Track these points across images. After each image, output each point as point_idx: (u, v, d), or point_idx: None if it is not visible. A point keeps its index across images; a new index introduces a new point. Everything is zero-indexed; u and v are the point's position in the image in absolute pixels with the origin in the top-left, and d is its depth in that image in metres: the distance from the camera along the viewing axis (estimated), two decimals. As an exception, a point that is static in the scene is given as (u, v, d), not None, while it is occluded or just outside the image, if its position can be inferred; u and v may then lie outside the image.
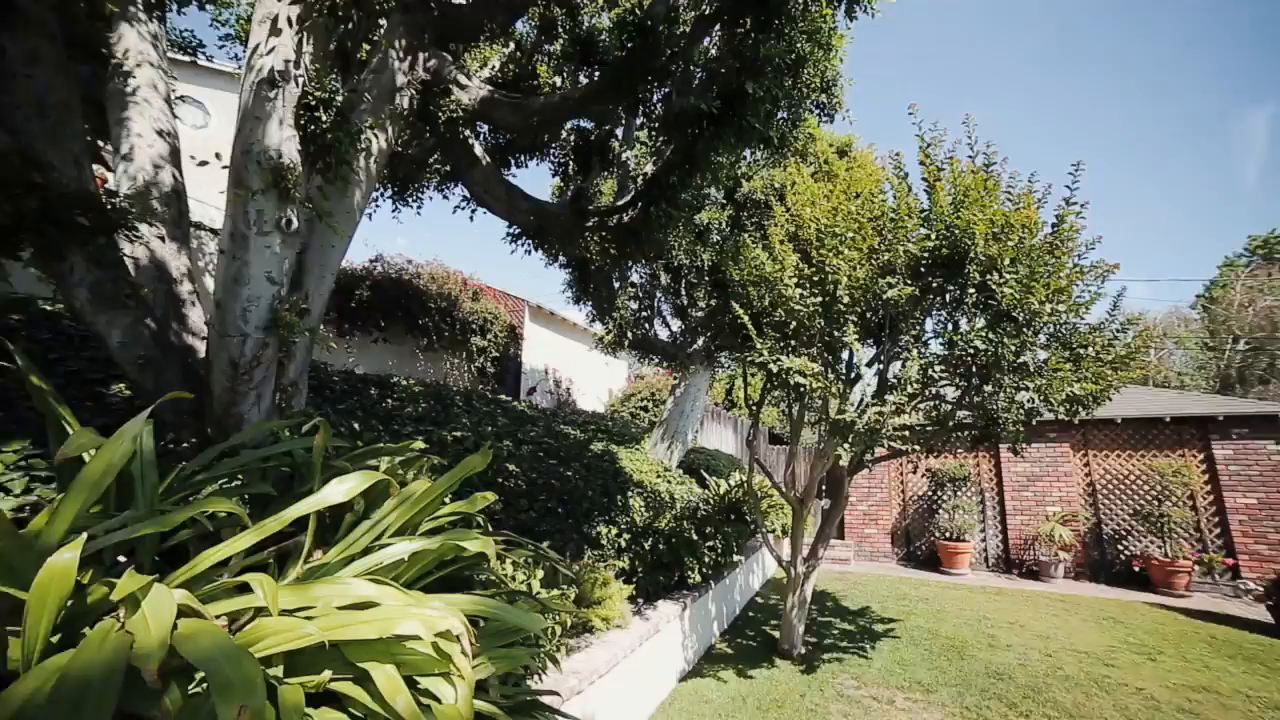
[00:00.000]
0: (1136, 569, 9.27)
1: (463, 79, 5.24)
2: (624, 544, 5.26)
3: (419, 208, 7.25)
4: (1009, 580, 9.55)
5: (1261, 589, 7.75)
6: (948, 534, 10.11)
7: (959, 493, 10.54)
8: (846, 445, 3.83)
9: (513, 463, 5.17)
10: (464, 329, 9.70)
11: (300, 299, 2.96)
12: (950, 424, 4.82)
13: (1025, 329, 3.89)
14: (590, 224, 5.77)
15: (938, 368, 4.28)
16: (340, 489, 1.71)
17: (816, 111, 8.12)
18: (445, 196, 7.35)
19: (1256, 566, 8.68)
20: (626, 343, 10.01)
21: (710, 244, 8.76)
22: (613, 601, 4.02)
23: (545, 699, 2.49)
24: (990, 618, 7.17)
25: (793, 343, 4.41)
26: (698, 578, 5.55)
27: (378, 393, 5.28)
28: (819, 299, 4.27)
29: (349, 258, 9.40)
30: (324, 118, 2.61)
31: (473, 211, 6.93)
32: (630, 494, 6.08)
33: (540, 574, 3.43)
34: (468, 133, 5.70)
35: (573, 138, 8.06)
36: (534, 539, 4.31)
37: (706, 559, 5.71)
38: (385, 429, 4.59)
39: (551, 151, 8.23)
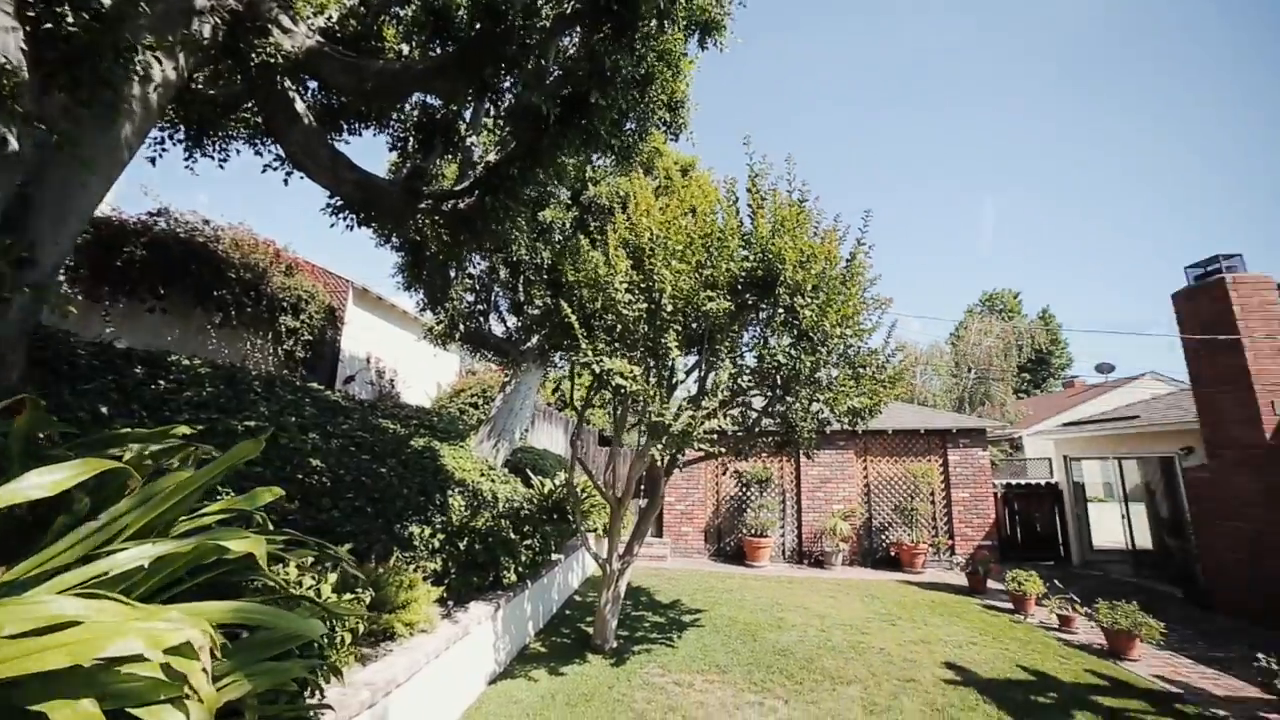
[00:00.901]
0: (893, 554, 11.16)
1: (287, 21, 4.62)
2: (438, 544, 5.02)
3: (223, 160, 6.22)
4: (800, 570, 10.88)
5: (964, 561, 9.84)
6: (753, 530, 11.23)
7: (764, 493, 11.78)
8: (660, 445, 4.09)
9: (318, 457, 4.64)
10: (272, 306, 8.48)
11: (20, 245, 2.36)
12: (757, 430, 5.39)
13: (820, 348, 4.52)
14: (424, 206, 5.43)
15: (747, 378, 4.76)
16: (44, 480, 1.37)
17: (664, 129, 8.56)
18: (258, 153, 6.39)
19: (965, 545, 11.00)
20: (458, 335, 9.56)
21: (552, 243, 8.76)
22: (419, 605, 3.80)
23: (324, 716, 2.28)
24: (781, 603, 8.11)
25: (618, 346, 4.60)
26: (514, 577, 5.48)
27: (145, 372, 4.39)
28: (646, 305, 4.51)
29: (118, 206, 7.70)
30: (70, 16, 2.11)
31: (288, 174, 6.13)
32: (451, 493, 5.81)
33: (333, 578, 3.12)
34: (289, 84, 5.02)
35: (416, 113, 7.52)
36: (337, 540, 3.92)
37: (524, 558, 5.66)
38: (152, 416, 3.83)
39: (392, 124, 7.58)
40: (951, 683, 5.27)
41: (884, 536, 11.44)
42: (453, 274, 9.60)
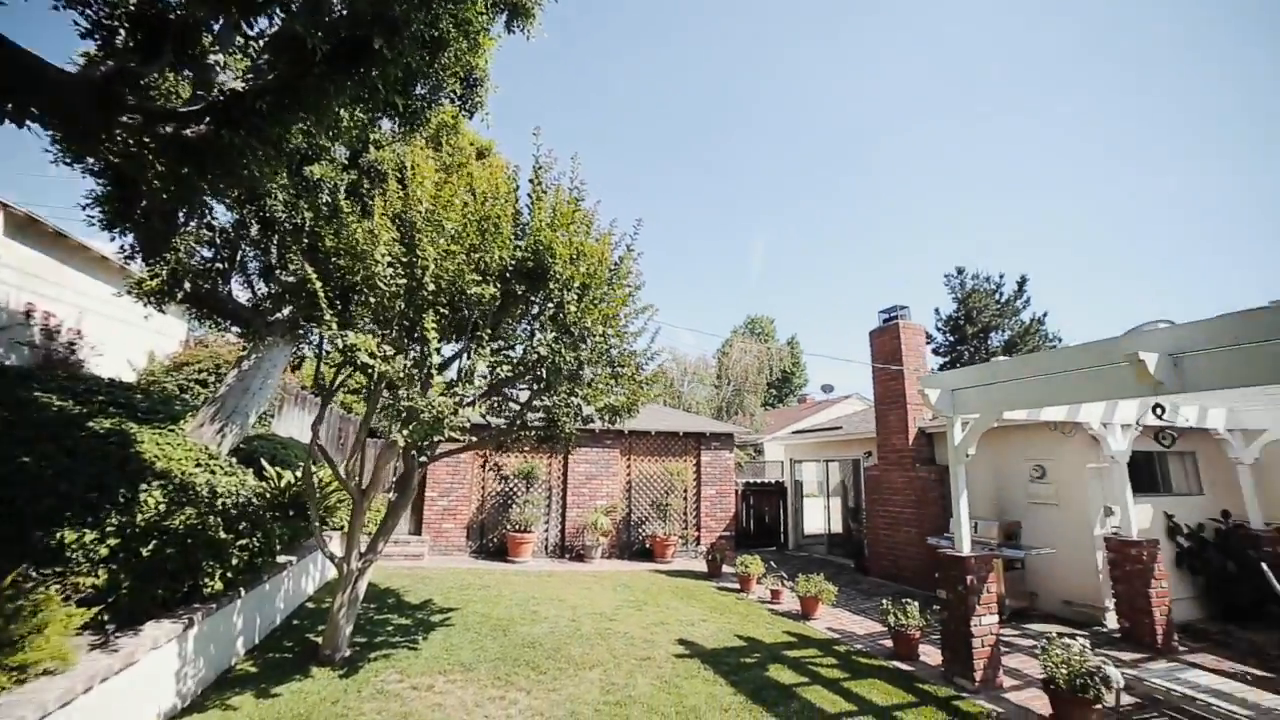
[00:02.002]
0: (648, 546, 12.11)
1: None
2: (107, 552, 3.98)
3: None
4: (561, 564, 11.15)
5: (706, 549, 11.17)
6: (517, 526, 11.19)
7: (532, 489, 11.84)
8: (405, 432, 3.81)
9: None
10: None
11: None
12: (519, 424, 5.38)
13: (582, 344, 4.69)
14: (129, 121, 4.26)
15: (505, 368, 4.73)
16: None
17: (458, 103, 8.12)
18: None
19: (709, 536, 12.48)
20: (181, 295, 7.76)
21: (318, 204, 7.66)
22: (48, 638, 2.93)
23: None
24: (537, 596, 8.20)
25: (376, 325, 4.20)
26: (220, 585, 4.59)
27: None
28: (406, 282, 4.19)
29: None
30: None
31: None
32: (147, 486, 4.65)
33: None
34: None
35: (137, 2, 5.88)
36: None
37: (237, 562, 4.79)
38: None
39: (95, 3, 5.80)
40: (681, 656, 5.88)
41: (641, 530, 12.36)
42: (182, 219, 7.78)
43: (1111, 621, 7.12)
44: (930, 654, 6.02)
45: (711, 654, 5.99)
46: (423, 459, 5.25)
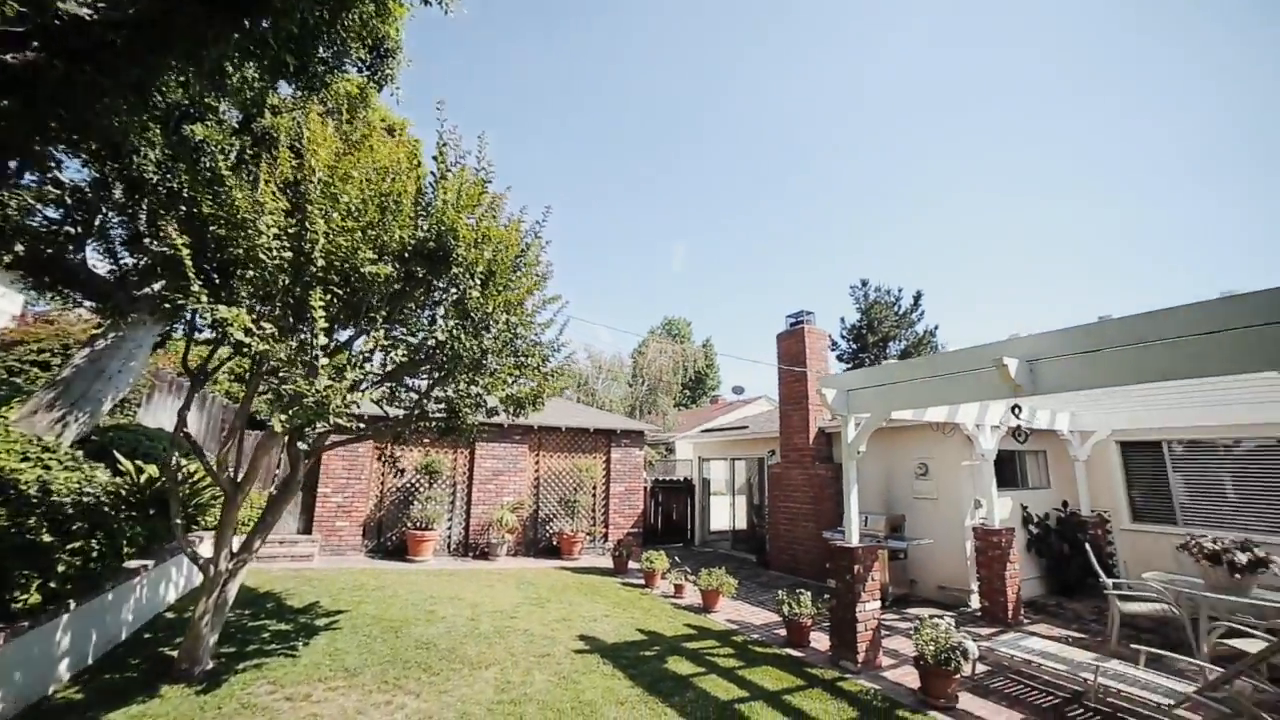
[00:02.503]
0: (555, 543, 11.96)
1: None
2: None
3: None
4: (465, 562, 10.75)
5: (612, 546, 11.18)
6: (418, 524, 10.66)
7: (435, 484, 11.34)
8: (284, 417, 3.47)
9: None
10: None
11: None
12: (418, 413, 5.10)
13: (484, 331, 4.51)
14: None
15: (401, 351, 4.46)
16: None
17: (368, 75, 7.62)
18: None
19: (617, 533, 12.53)
20: (9, 259, 6.66)
21: (200, 168, 6.88)
22: None
23: None
24: (436, 595, 7.84)
25: (250, 300, 3.81)
26: (37, 598, 3.94)
27: None
28: (291, 255, 3.83)
29: None
30: None
31: None
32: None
33: None
34: None
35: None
36: None
37: (65, 569, 4.16)
38: None
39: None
40: (580, 652, 5.82)
41: (549, 527, 12.19)
42: (14, 166, 6.70)
43: (975, 602, 7.88)
44: (820, 640, 6.36)
45: (612, 648, 5.99)
46: (307, 450, 4.83)
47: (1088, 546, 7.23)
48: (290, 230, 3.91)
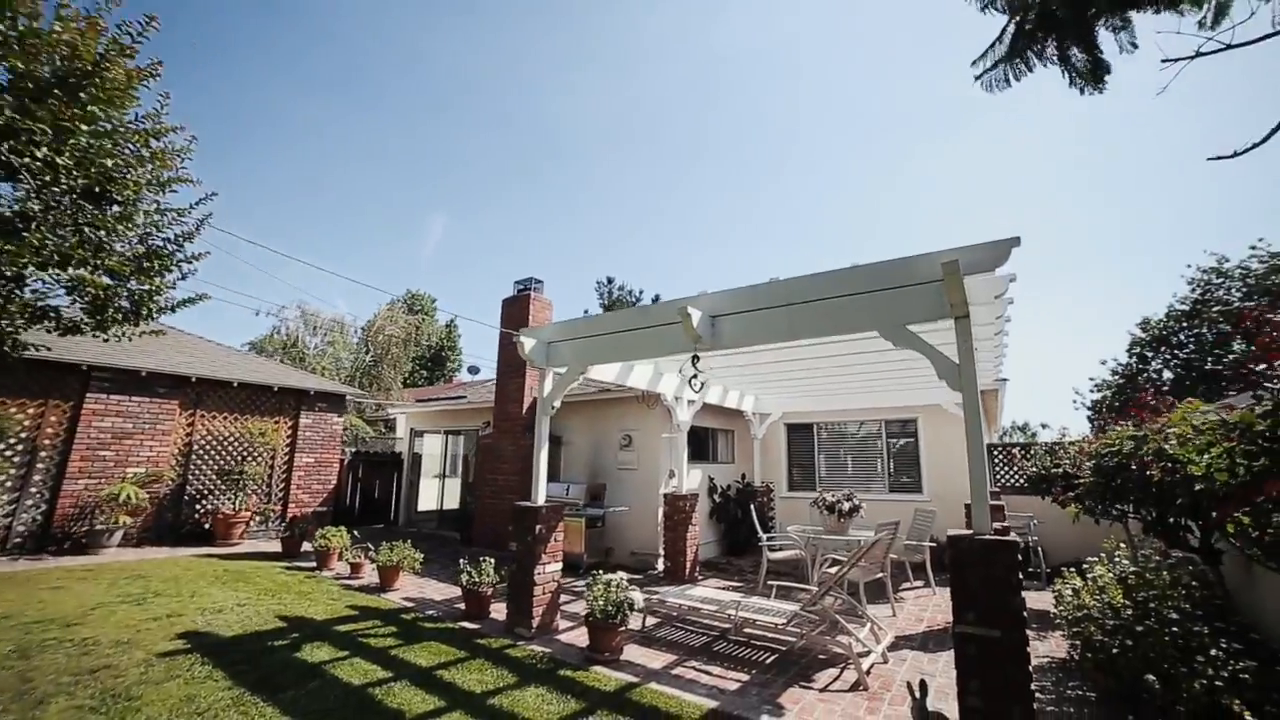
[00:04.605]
0: (207, 526, 9.39)
1: None
2: None
3: None
4: (39, 561, 7.63)
5: (283, 527, 9.23)
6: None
7: (-8, 448, 7.86)
8: None
9: None
10: None
11: None
12: None
13: (26, 171, 2.83)
14: None
15: None
16: None
17: None
18: None
19: (300, 511, 10.49)
20: None
21: None
22: None
23: None
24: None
25: None
26: None
27: None
28: None
29: None
30: None
31: None
32: None
33: None
34: None
35: None
36: None
37: None
38: None
39: None
40: (170, 654, 4.33)
41: (201, 505, 9.56)
42: None
43: (661, 565, 8.42)
44: (503, 611, 5.92)
45: (227, 644, 4.62)
46: None
47: (752, 509, 8.31)
48: None
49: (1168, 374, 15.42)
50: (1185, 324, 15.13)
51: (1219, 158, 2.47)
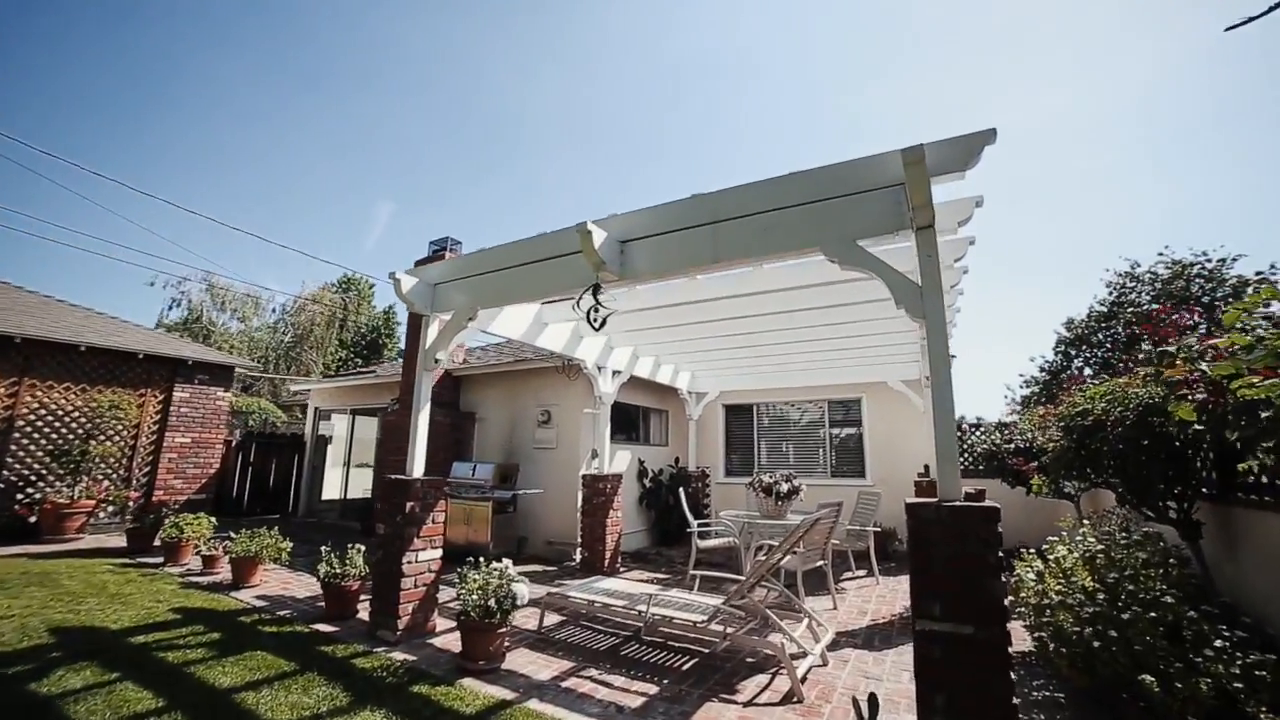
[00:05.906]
0: (31, 519, 7.77)
1: None
2: None
3: None
4: None
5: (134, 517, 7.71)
6: None
7: None
8: None
9: None
10: None
11: None
12: None
13: None
14: None
15: None
16: None
17: None
18: None
19: (169, 499, 8.89)
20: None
21: None
22: None
23: None
24: None
25: None
26: None
27: None
28: None
29: None
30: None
31: None
32: None
33: None
34: None
35: None
36: None
37: None
38: None
39: None
40: None
41: (25, 494, 7.93)
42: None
43: (579, 555, 7.49)
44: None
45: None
46: None
47: (683, 495, 7.45)
48: None
49: (1088, 370, 15.79)
50: (1103, 324, 15.54)
51: (1234, 26, 1.89)
